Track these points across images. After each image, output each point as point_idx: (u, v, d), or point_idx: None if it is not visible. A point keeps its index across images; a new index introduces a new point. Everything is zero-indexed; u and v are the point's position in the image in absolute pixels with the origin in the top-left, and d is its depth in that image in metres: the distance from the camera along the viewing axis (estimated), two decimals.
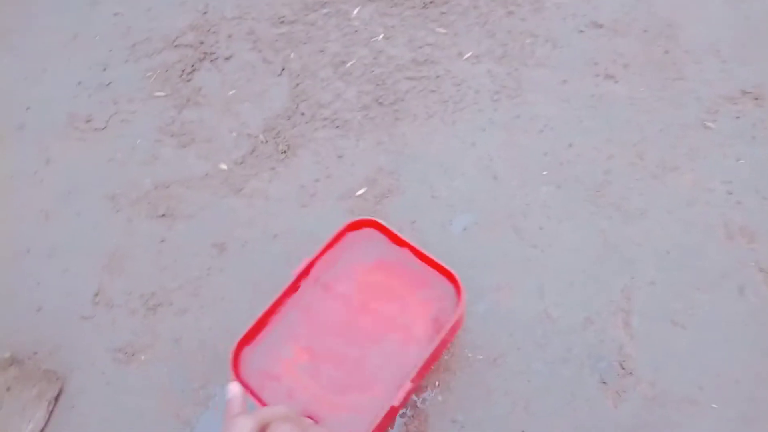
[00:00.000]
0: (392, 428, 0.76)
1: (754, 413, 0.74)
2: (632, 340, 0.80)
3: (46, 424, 0.81)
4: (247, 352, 0.75)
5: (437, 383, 0.78)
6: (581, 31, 1.10)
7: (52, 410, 0.82)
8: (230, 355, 0.72)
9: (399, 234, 0.79)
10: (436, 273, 0.77)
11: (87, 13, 1.31)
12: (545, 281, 0.86)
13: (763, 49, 1.05)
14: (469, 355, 0.81)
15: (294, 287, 0.78)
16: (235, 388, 0.54)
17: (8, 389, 0.75)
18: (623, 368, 0.78)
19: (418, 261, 0.78)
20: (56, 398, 0.82)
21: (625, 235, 0.89)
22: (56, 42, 1.26)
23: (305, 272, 0.79)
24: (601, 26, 1.10)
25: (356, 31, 1.19)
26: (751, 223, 0.88)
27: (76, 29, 1.28)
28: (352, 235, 0.82)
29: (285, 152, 1.05)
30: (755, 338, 0.79)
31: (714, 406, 0.75)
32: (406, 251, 0.79)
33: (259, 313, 0.75)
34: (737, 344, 0.79)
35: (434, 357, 0.74)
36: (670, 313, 0.81)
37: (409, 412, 0.76)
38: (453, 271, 0.74)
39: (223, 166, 1.04)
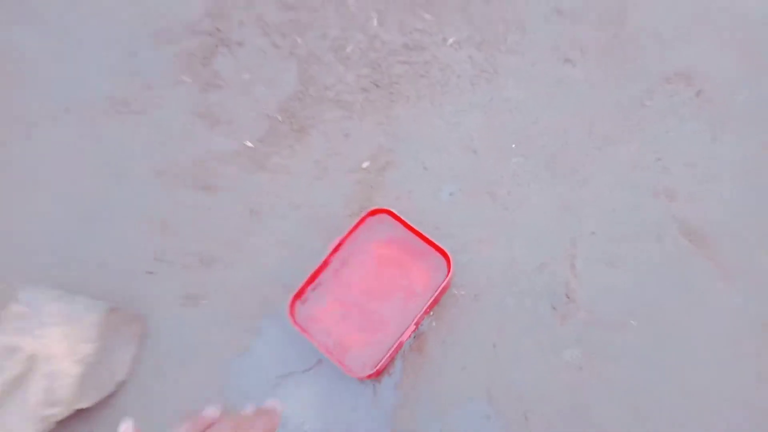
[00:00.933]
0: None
1: (665, 332, 1.02)
2: (576, 278, 1.07)
3: (136, 356, 1.06)
4: (297, 304, 1.01)
5: (432, 314, 1.05)
6: (547, 18, 1.29)
7: (138, 346, 1.07)
8: (287, 307, 0.98)
9: (406, 220, 1.03)
10: (432, 249, 1.03)
11: None
12: (513, 235, 1.11)
13: (699, 33, 1.25)
14: (455, 292, 1.07)
15: (329, 258, 1.03)
16: (124, 426, 0.51)
17: (116, 330, 1.00)
18: (569, 298, 1.05)
19: (419, 240, 1.04)
20: (141, 336, 1.07)
21: (576, 196, 1.13)
22: (86, 25, 1.41)
23: (337, 247, 1.03)
24: (564, 13, 1.30)
25: (353, 15, 1.36)
26: (674, 185, 1.13)
27: (100, 14, 1.42)
28: (370, 220, 1.06)
29: (299, 131, 1.25)
30: (669, 276, 1.06)
31: (633, 323, 1.03)
32: (410, 232, 1.04)
33: (305, 278, 1.00)
34: (656, 281, 1.06)
35: (429, 308, 1.01)
36: (606, 257, 1.08)
37: (412, 336, 1.03)
38: (446, 249, 1.00)
39: (249, 144, 1.25)
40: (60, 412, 0.97)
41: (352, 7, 1.37)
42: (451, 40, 1.30)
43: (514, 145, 1.18)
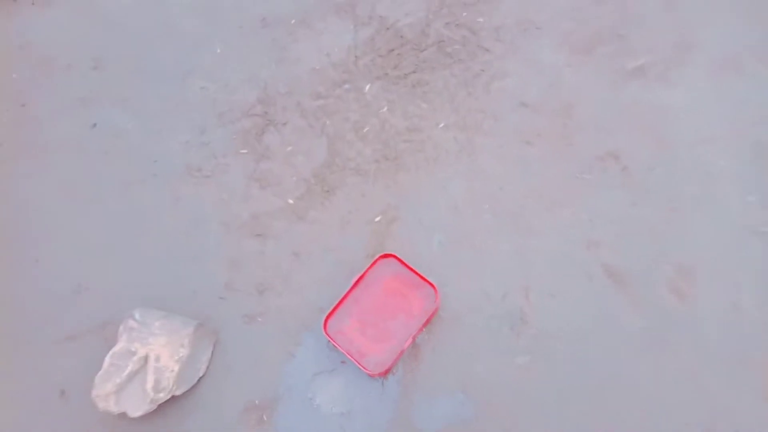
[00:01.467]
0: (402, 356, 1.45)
1: (590, 344, 1.43)
2: (529, 305, 1.49)
3: (211, 358, 1.48)
4: (329, 321, 1.43)
5: (425, 330, 1.47)
6: (513, 110, 1.73)
7: (213, 351, 1.49)
8: (322, 324, 1.40)
9: (406, 262, 1.46)
10: (426, 283, 1.45)
11: (180, 86, 1.89)
12: (483, 274, 1.53)
13: (626, 122, 1.68)
14: (442, 314, 1.49)
15: (351, 289, 1.46)
16: None
17: (200, 339, 1.42)
18: (522, 320, 1.47)
19: (416, 276, 1.46)
20: (215, 344, 1.50)
21: (530, 245, 1.56)
22: (164, 109, 1.86)
23: (357, 281, 1.46)
24: (527, 106, 1.73)
25: (369, 104, 1.81)
26: (601, 238, 1.55)
27: (176, 99, 1.87)
28: (381, 261, 1.49)
29: (328, 192, 1.69)
30: (595, 304, 1.48)
31: (567, 338, 1.44)
32: (409, 271, 1.47)
33: (334, 303, 1.43)
34: (585, 307, 1.47)
35: (423, 326, 1.43)
36: (550, 290, 1.50)
37: (410, 346, 1.45)
38: (433, 282, 1.42)
39: (291, 201, 1.68)
40: (163, 396, 1.39)
41: (369, 97, 1.81)
42: (441, 125, 1.74)
43: (486, 206, 1.61)
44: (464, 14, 1.90)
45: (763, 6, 1.81)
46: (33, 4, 2.10)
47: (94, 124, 1.85)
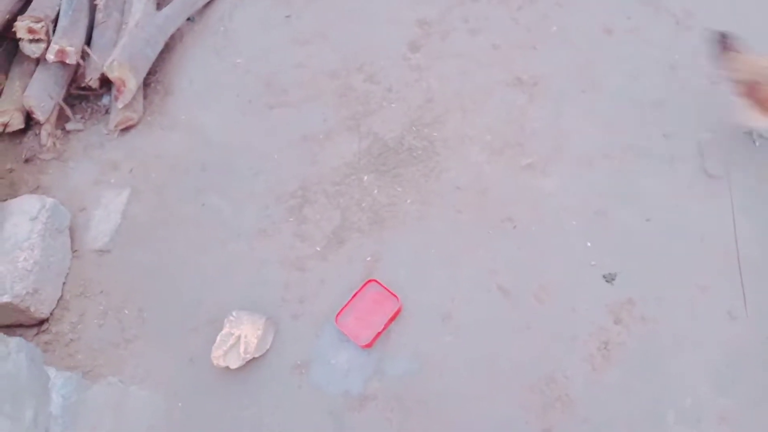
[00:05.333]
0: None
1: (484, 324, 2.52)
2: (453, 307, 2.59)
3: (274, 338, 2.64)
4: (339, 317, 2.58)
5: (392, 322, 2.59)
6: (451, 192, 2.87)
7: (275, 334, 2.65)
8: (335, 319, 2.55)
9: (382, 283, 2.60)
10: (394, 296, 2.58)
11: (253, 180, 3.11)
12: (428, 290, 2.64)
13: (518, 198, 2.79)
14: (403, 313, 2.61)
15: (351, 300, 2.61)
16: None
17: (268, 327, 2.58)
18: (448, 316, 2.57)
19: (389, 292, 2.59)
20: (276, 331, 2.66)
21: (457, 273, 2.67)
22: (243, 193, 3.07)
23: (354, 295, 2.61)
24: (460, 188, 2.87)
25: (366, 188, 2.98)
26: (497, 268, 2.65)
27: (251, 188, 3.09)
28: (369, 283, 2.63)
29: (340, 243, 2.85)
30: (491, 307, 2.57)
31: (456, 334, 2.54)
32: (384, 289, 2.61)
33: (340, 307, 2.58)
34: (484, 309, 2.57)
35: (391, 319, 2.55)
36: (466, 298, 2.60)
37: (384, 331, 2.58)
38: (398, 295, 2.56)
39: (318, 249, 2.85)
40: (249, 357, 2.54)
41: (366, 184, 2.99)
42: (409, 201, 2.89)
43: (433, 251, 2.74)
44: (425, 131, 3.08)
45: (610, 121, 2.92)
46: (162, 129, 3.41)
47: (203, 204, 3.10)
